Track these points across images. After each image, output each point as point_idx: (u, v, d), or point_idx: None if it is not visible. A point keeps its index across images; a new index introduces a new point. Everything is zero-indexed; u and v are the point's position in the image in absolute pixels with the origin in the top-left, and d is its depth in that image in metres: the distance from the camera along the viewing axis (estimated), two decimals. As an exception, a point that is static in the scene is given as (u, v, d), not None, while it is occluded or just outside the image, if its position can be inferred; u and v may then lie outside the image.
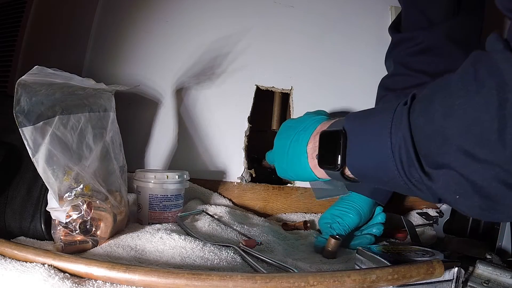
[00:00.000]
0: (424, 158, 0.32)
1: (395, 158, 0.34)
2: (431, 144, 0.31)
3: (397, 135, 0.33)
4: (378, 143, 0.35)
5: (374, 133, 0.36)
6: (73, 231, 0.50)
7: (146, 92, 0.86)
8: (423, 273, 0.39)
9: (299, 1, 0.86)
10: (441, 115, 0.29)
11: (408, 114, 0.33)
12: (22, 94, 0.46)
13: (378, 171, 0.36)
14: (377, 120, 0.37)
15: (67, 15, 0.92)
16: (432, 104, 0.31)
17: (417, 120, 0.32)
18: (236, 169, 0.86)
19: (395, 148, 0.33)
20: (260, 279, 0.36)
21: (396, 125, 0.33)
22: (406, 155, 0.33)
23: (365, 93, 0.84)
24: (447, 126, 0.29)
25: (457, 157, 0.29)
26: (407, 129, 0.32)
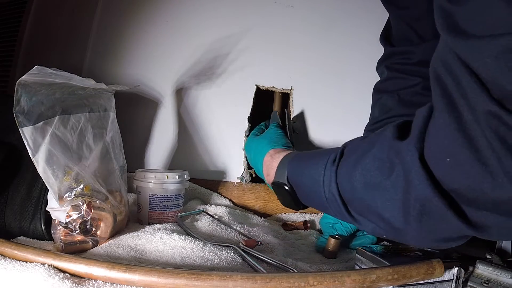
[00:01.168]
0: (353, 209, 0.39)
1: (330, 207, 0.42)
2: (358, 205, 0.38)
3: (329, 192, 0.40)
4: (316, 194, 0.43)
5: (312, 186, 0.44)
6: (73, 231, 0.50)
7: (146, 92, 0.86)
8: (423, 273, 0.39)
9: (299, 1, 0.86)
10: (362, 188, 0.36)
11: (336, 176, 0.39)
12: (22, 94, 0.46)
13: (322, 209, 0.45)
14: (311, 173, 0.44)
15: (67, 15, 0.92)
16: (354, 174, 0.37)
17: (343, 185, 0.39)
18: (236, 169, 0.86)
19: (328, 201, 0.41)
20: (260, 279, 0.36)
21: (326, 183, 0.41)
22: (338, 208, 0.40)
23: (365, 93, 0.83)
24: (367, 198, 0.36)
25: (377, 220, 0.36)
26: (336, 189, 0.39)
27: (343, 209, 0.40)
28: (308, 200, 0.48)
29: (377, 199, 0.35)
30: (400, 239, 0.37)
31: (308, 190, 0.46)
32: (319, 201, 0.43)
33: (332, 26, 0.86)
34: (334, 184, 0.39)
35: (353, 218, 0.40)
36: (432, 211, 0.31)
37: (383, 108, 0.69)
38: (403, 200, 0.32)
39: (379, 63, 0.73)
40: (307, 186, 0.46)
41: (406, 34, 0.65)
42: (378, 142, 0.37)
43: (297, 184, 0.48)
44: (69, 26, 0.91)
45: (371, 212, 0.36)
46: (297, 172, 0.48)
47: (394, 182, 0.33)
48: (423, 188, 0.30)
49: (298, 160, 0.50)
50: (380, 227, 0.37)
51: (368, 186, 0.36)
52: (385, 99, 0.69)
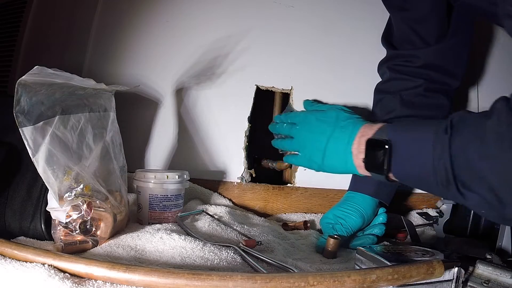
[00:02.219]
0: (461, 182, 0.39)
1: (437, 177, 0.40)
2: (468, 177, 0.38)
3: (439, 161, 0.39)
4: (422, 160, 0.41)
5: (419, 152, 0.42)
6: (73, 231, 0.50)
7: (146, 92, 0.86)
8: (423, 273, 0.39)
9: (299, 2, 0.86)
10: (478, 159, 0.37)
11: (449, 144, 0.39)
12: (22, 94, 0.46)
13: (420, 181, 0.44)
14: (419, 139, 0.43)
15: (67, 15, 0.92)
16: (470, 145, 0.38)
17: (457, 156, 0.38)
18: (236, 169, 0.86)
19: (437, 170, 0.40)
20: (260, 279, 0.36)
21: (437, 152, 0.40)
22: (446, 178, 0.39)
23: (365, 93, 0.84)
24: (483, 169, 0.36)
25: (488, 192, 0.37)
26: (448, 160, 0.39)
27: (451, 180, 0.39)
28: (404, 168, 0.45)
29: (492, 170, 0.36)
30: (499, 212, 0.38)
31: (410, 155, 0.44)
32: (420, 169, 0.42)
33: (332, 26, 0.86)
34: (447, 154, 0.39)
35: (458, 190, 0.39)
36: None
37: (385, 109, 0.69)
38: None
39: (381, 64, 0.73)
40: (410, 152, 0.44)
41: (408, 36, 0.65)
42: (493, 115, 0.37)
43: (399, 147, 0.45)
44: (69, 26, 0.91)
45: (482, 183, 0.37)
46: (401, 135, 0.45)
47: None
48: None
49: (401, 125, 0.48)
50: (485, 200, 0.37)
51: (486, 158, 0.36)
52: (387, 99, 0.69)
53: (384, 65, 0.72)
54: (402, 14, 0.65)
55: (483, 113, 0.39)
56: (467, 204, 0.41)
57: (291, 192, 0.85)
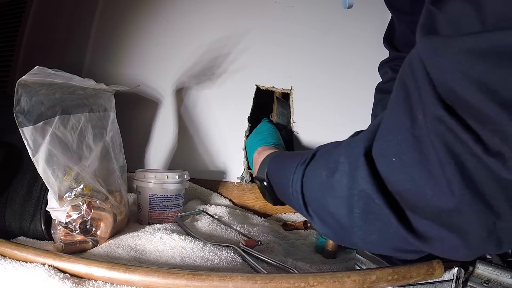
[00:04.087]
0: (312, 210, 0.41)
1: (295, 205, 0.44)
2: (314, 203, 0.40)
3: (295, 189, 0.43)
4: (286, 190, 0.45)
5: (284, 182, 0.46)
6: (73, 231, 0.50)
7: (146, 92, 0.86)
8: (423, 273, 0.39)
9: (299, 2, 0.86)
10: (318, 187, 0.38)
11: (303, 175, 0.41)
12: (22, 94, 0.46)
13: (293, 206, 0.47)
14: (285, 172, 0.46)
15: (67, 15, 0.92)
16: (315, 173, 0.40)
17: (306, 184, 0.41)
18: (236, 169, 0.86)
19: (293, 199, 0.43)
20: (260, 280, 0.36)
21: (294, 181, 0.43)
22: (299, 206, 0.42)
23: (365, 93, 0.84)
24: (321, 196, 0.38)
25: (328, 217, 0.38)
26: (299, 189, 0.42)
27: (303, 208, 0.42)
28: (282, 196, 0.50)
29: (327, 196, 0.36)
30: (348, 240, 0.38)
31: (281, 186, 0.48)
32: (288, 198, 0.46)
33: (332, 26, 0.86)
34: (299, 183, 0.41)
35: (311, 217, 0.41)
36: (374, 210, 0.31)
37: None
38: (348, 197, 0.33)
39: (382, 64, 0.73)
40: (281, 183, 0.48)
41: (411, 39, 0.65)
42: (343, 143, 0.38)
43: (274, 181, 0.51)
44: (69, 26, 0.91)
45: (324, 211, 0.38)
46: (275, 170, 0.51)
47: (339, 179, 0.34)
48: (365, 183, 0.31)
49: (278, 158, 0.53)
50: (331, 226, 0.38)
51: (322, 184, 0.37)
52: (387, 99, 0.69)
53: (386, 65, 0.72)
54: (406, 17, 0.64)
55: (341, 142, 0.39)
56: (321, 232, 0.43)
57: (291, 192, 0.85)
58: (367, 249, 0.40)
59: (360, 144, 0.32)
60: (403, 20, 0.66)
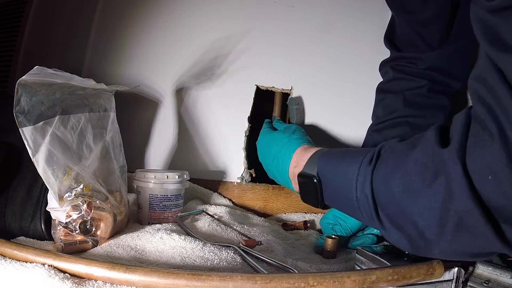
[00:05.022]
0: (385, 215, 0.38)
1: (360, 209, 0.40)
2: (391, 209, 0.37)
3: (362, 192, 0.39)
4: (346, 193, 0.41)
5: (344, 184, 0.42)
6: (73, 231, 0.50)
7: (146, 92, 0.86)
8: (423, 273, 0.39)
9: (299, 2, 0.86)
10: (400, 192, 0.35)
11: (371, 178, 0.38)
12: (22, 94, 0.46)
13: (349, 210, 0.44)
14: (345, 172, 0.42)
15: (67, 15, 0.92)
16: (393, 177, 0.36)
17: (379, 187, 0.38)
18: (236, 169, 0.86)
19: (359, 203, 0.40)
20: (260, 280, 0.36)
21: (360, 183, 0.39)
22: (368, 211, 0.39)
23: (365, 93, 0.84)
24: (405, 203, 0.35)
25: (409, 228, 0.35)
26: (370, 192, 0.38)
27: (373, 213, 0.38)
28: (334, 198, 0.46)
29: (415, 205, 0.33)
30: (426, 251, 0.36)
31: (337, 187, 0.44)
32: (346, 201, 0.42)
33: (332, 26, 0.86)
34: (369, 185, 0.38)
35: (381, 223, 0.38)
36: (469, 224, 0.30)
37: (388, 109, 0.69)
38: (442, 210, 0.31)
39: (383, 64, 0.73)
40: (337, 183, 0.44)
41: (412, 39, 0.65)
42: (419, 145, 0.35)
43: (327, 179, 0.46)
44: (69, 26, 0.91)
45: (405, 219, 0.35)
46: (328, 167, 0.46)
47: (436, 190, 0.31)
48: (465, 199, 0.29)
49: (330, 155, 0.47)
50: (409, 237, 0.35)
51: (408, 191, 0.34)
52: (389, 99, 0.69)
53: (387, 65, 0.71)
54: (406, 16, 0.64)
55: (411, 142, 0.37)
56: (390, 240, 0.39)
57: (291, 192, 0.85)
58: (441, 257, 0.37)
59: (454, 156, 0.30)
60: (404, 19, 0.66)
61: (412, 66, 0.67)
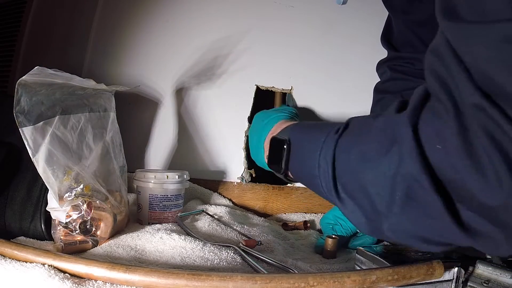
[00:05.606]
0: (342, 185, 0.36)
1: (320, 178, 0.39)
2: (347, 178, 0.36)
3: (324, 160, 0.38)
4: (310, 160, 0.40)
5: (309, 151, 0.41)
6: (73, 231, 0.50)
7: (146, 92, 0.86)
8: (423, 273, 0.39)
9: (299, 2, 0.86)
10: (357, 160, 0.34)
11: (335, 146, 0.37)
12: (22, 94, 0.46)
13: (310, 182, 0.42)
14: (313, 139, 0.41)
15: (67, 15, 0.92)
16: (354, 145, 0.35)
17: (340, 155, 0.37)
18: (236, 169, 0.86)
19: (320, 170, 0.38)
20: (260, 280, 0.36)
21: (324, 151, 0.38)
22: (327, 179, 0.38)
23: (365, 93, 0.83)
24: (360, 170, 0.34)
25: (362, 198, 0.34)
26: (331, 159, 0.37)
27: (331, 181, 0.37)
28: (298, 165, 0.44)
29: (369, 173, 0.33)
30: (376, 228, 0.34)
31: (303, 153, 0.43)
32: (309, 168, 0.40)
33: (332, 26, 0.86)
34: (331, 152, 0.37)
35: (338, 193, 0.37)
36: (418, 195, 0.29)
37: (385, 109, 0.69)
38: (393, 177, 0.30)
39: (381, 64, 0.73)
40: (303, 149, 0.43)
41: (410, 39, 0.65)
42: (382, 115, 0.35)
43: (295, 145, 0.45)
44: (69, 26, 0.91)
45: (359, 187, 0.34)
46: (300, 134, 0.46)
47: (390, 158, 0.30)
48: (412, 163, 0.28)
49: (304, 125, 0.47)
50: (362, 208, 0.34)
51: (364, 159, 0.33)
52: (387, 99, 0.69)
53: (384, 64, 0.71)
54: (403, 17, 0.64)
55: (377, 114, 0.36)
56: (345, 213, 0.38)
57: (291, 192, 0.85)
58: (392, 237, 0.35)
59: (405, 120, 0.29)
60: (400, 18, 0.66)
61: (410, 66, 0.67)
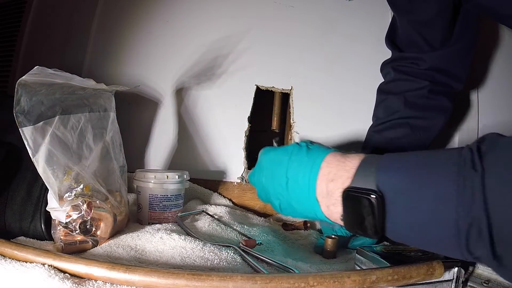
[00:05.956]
0: (500, 242, 0.26)
1: (460, 237, 0.27)
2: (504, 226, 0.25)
3: (467, 212, 0.26)
4: (435, 214, 0.28)
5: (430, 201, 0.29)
6: (73, 231, 0.50)
7: (146, 92, 0.86)
8: (423, 273, 0.39)
9: (299, 2, 0.86)
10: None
11: (483, 186, 0.25)
12: (22, 94, 0.46)
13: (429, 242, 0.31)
14: (433, 183, 0.29)
15: (67, 15, 0.92)
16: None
17: (498, 198, 0.25)
18: (236, 169, 0.86)
19: (461, 227, 0.27)
20: (260, 280, 0.36)
21: (466, 202, 0.26)
22: (477, 236, 0.26)
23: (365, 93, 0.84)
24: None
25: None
26: (483, 208, 0.25)
27: (486, 239, 0.25)
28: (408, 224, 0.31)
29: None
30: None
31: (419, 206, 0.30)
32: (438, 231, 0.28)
33: (332, 26, 0.86)
34: (481, 201, 0.25)
35: (494, 255, 0.26)
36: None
37: (388, 110, 0.69)
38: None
39: (385, 64, 0.73)
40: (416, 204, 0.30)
41: (414, 39, 0.65)
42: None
43: (395, 195, 0.31)
44: (69, 26, 0.91)
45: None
46: (400, 181, 0.31)
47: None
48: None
49: (396, 160, 0.33)
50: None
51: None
52: (390, 100, 0.69)
53: (388, 65, 0.71)
54: (408, 17, 0.64)
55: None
56: (504, 275, 0.28)
57: (291, 192, 0.85)
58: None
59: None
60: (405, 19, 0.66)
61: (414, 67, 0.67)
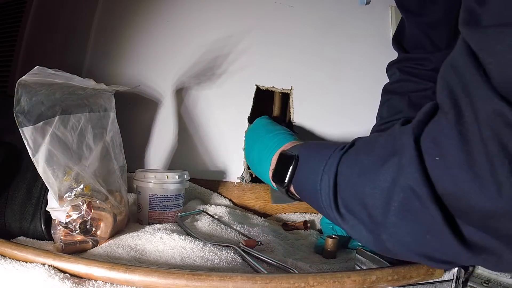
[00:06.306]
0: (342, 200, 0.36)
1: (321, 193, 0.39)
2: (348, 193, 0.36)
3: (326, 174, 0.38)
4: (313, 175, 0.40)
5: (314, 166, 0.41)
6: (73, 231, 0.50)
7: (146, 92, 0.86)
8: (423, 273, 0.39)
9: (299, 2, 0.86)
10: (357, 174, 0.34)
11: (339, 161, 0.37)
12: (22, 94, 0.46)
13: (310, 196, 0.42)
14: (319, 155, 0.41)
15: (67, 15, 0.92)
16: (356, 162, 0.35)
17: (342, 170, 0.37)
18: (236, 169, 0.86)
19: (322, 185, 0.38)
20: (260, 280, 0.36)
21: (328, 166, 0.38)
22: (327, 194, 0.38)
23: (365, 93, 0.84)
24: (359, 184, 0.34)
25: (361, 211, 0.34)
26: (333, 175, 0.37)
27: (331, 197, 0.37)
28: (301, 180, 0.44)
29: (367, 184, 0.32)
30: (378, 239, 0.33)
31: (308, 169, 0.43)
32: (312, 184, 0.40)
33: (332, 26, 0.86)
34: (334, 168, 0.37)
35: (338, 210, 0.37)
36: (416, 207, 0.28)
37: (392, 110, 0.69)
38: (390, 188, 0.30)
39: (391, 65, 0.73)
40: (309, 166, 0.43)
41: (421, 41, 0.65)
42: (387, 132, 0.34)
43: (303, 161, 0.45)
44: (69, 26, 0.91)
45: (358, 201, 0.34)
46: (307, 151, 0.45)
47: (388, 168, 0.30)
48: (411, 173, 0.27)
49: (313, 143, 0.47)
50: (362, 221, 0.34)
51: (363, 173, 0.33)
52: (394, 100, 0.69)
53: (394, 66, 0.72)
54: (416, 18, 0.64)
55: (383, 132, 0.36)
56: (346, 228, 0.37)
57: (291, 192, 0.85)
58: (396, 252, 0.34)
59: (409, 130, 0.29)
60: (413, 21, 0.66)
61: (419, 68, 0.67)
